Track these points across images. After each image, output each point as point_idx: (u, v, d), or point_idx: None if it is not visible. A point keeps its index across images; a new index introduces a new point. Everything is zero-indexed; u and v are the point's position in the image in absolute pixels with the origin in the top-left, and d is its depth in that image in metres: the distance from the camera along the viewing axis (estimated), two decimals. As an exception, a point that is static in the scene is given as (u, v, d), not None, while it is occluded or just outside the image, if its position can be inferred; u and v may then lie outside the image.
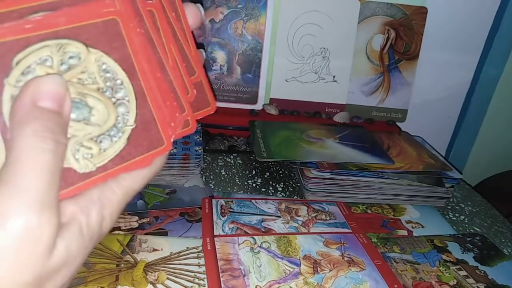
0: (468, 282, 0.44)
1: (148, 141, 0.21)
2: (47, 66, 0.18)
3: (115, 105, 0.20)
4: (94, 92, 0.19)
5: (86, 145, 0.19)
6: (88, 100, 0.19)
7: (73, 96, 0.19)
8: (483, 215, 0.59)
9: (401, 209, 0.56)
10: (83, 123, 0.19)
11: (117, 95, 0.20)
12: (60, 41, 0.18)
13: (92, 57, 0.19)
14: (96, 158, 0.19)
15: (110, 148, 0.20)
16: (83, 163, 0.19)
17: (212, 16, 0.71)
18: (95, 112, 0.19)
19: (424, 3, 0.73)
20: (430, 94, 0.81)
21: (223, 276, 0.39)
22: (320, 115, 0.75)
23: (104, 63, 0.19)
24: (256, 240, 0.45)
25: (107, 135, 0.20)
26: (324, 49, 0.74)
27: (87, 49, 0.19)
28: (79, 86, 0.19)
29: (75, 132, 0.19)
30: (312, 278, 0.41)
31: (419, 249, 0.48)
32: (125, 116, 0.20)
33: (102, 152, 0.20)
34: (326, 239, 0.47)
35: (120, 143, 0.20)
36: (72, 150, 0.19)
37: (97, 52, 0.19)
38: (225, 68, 0.73)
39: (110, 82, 0.20)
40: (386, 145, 0.66)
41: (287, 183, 0.60)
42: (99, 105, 0.19)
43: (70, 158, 0.19)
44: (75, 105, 0.19)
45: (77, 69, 0.19)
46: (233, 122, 0.72)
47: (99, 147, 0.20)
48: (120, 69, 0.20)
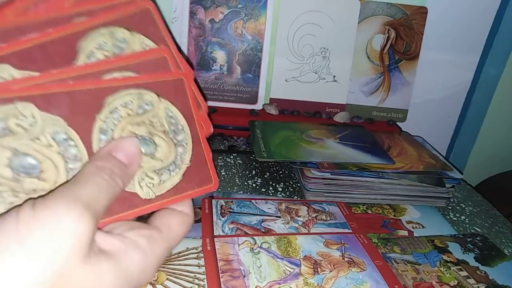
0: (469, 282, 0.44)
1: (199, 178, 0.25)
2: (128, 108, 0.23)
3: (176, 146, 0.25)
4: (160, 133, 0.24)
5: (150, 175, 0.23)
6: (155, 139, 0.24)
7: (145, 134, 0.23)
8: (484, 215, 0.59)
9: (401, 209, 0.56)
10: (149, 157, 0.23)
11: (178, 138, 0.25)
12: (140, 91, 0.23)
13: (162, 105, 0.24)
14: (156, 188, 0.24)
15: (168, 180, 0.24)
16: (145, 190, 0.23)
17: (212, 16, 0.71)
18: (159, 149, 0.24)
19: (425, 3, 0.73)
20: (431, 94, 0.81)
21: (223, 276, 0.39)
22: (320, 115, 0.75)
23: (171, 111, 0.24)
24: (256, 240, 0.45)
25: (166, 169, 0.24)
26: (324, 49, 0.74)
27: (159, 98, 0.24)
28: (150, 127, 0.24)
29: (142, 163, 0.23)
30: (312, 278, 0.41)
31: (419, 250, 0.48)
32: (182, 155, 0.25)
33: (161, 183, 0.24)
34: (327, 240, 0.47)
35: (176, 178, 0.24)
36: (138, 179, 0.23)
37: (166, 102, 0.24)
38: (225, 68, 0.73)
39: (174, 127, 0.25)
40: (387, 145, 0.66)
41: (287, 183, 0.60)
42: (163, 144, 0.24)
43: (136, 185, 0.23)
44: (144, 141, 0.23)
45: (150, 113, 0.24)
46: (233, 122, 0.72)
47: (160, 179, 0.24)
48: (181, 117, 0.25)
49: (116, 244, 0.20)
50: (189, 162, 0.25)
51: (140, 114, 0.23)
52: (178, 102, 0.25)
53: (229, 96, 0.75)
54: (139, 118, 0.23)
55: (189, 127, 0.25)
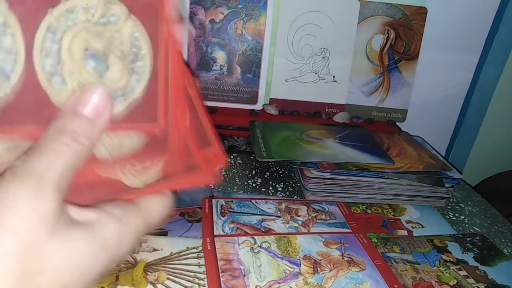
0: (468, 282, 0.44)
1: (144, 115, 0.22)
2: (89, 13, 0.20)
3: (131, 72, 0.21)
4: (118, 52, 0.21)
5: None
6: (110, 57, 0.21)
7: (99, 48, 0.20)
8: (483, 215, 0.59)
9: (401, 209, 0.56)
10: (97, 75, 0.20)
11: (136, 64, 0.22)
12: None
13: (129, 23, 0.21)
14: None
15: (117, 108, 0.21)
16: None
17: (212, 16, 0.71)
18: (110, 70, 0.21)
19: (424, 3, 0.73)
20: (430, 94, 0.81)
21: (223, 276, 0.39)
22: (320, 115, 0.75)
23: (137, 32, 0.21)
24: (256, 240, 0.45)
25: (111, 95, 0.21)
26: (324, 49, 0.74)
27: (128, 14, 0.21)
28: (108, 42, 0.20)
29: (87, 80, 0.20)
30: (312, 278, 0.41)
31: (419, 249, 0.48)
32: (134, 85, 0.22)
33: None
34: (326, 239, 0.47)
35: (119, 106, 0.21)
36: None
37: (135, 20, 0.21)
38: (225, 68, 0.73)
39: (136, 49, 0.21)
40: (386, 145, 0.66)
41: (287, 183, 0.60)
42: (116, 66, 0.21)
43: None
44: (97, 56, 0.20)
45: (112, 27, 0.20)
46: (233, 122, 0.72)
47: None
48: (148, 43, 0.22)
49: (90, 214, 0.20)
50: (139, 93, 0.22)
51: (102, 24, 0.20)
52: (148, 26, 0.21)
53: (229, 96, 0.75)
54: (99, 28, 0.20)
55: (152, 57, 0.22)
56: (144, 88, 0.22)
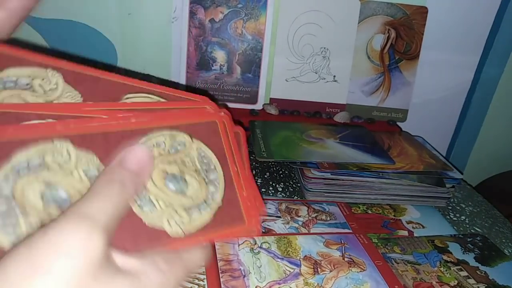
0: (469, 282, 0.44)
1: (231, 219, 0.25)
2: (160, 148, 0.24)
3: (207, 185, 0.25)
4: (192, 171, 0.25)
5: (179, 213, 0.23)
6: (186, 176, 0.24)
7: (175, 172, 0.24)
8: (484, 215, 0.59)
9: (401, 210, 0.56)
10: (180, 194, 0.24)
11: (209, 177, 0.25)
12: (172, 132, 0.25)
13: (194, 146, 0.25)
14: (185, 226, 0.23)
15: (198, 219, 0.24)
16: (175, 229, 0.23)
17: (212, 16, 0.71)
18: (190, 187, 0.24)
19: (425, 2, 0.73)
20: (431, 94, 0.81)
21: (223, 276, 0.39)
22: (320, 115, 0.75)
23: (203, 151, 0.25)
24: (256, 240, 0.45)
25: (197, 208, 0.24)
26: (324, 49, 0.74)
27: (191, 139, 0.25)
28: (181, 166, 0.24)
29: (172, 201, 0.23)
30: (312, 278, 0.41)
31: (419, 250, 0.48)
32: (214, 194, 0.25)
33: (191, 222, 0.24)
34: (327, 240, 0.47)
35: (207, 217, 0.24)
36: (167, 216, 0.23)
37: (198, 142, 0.25)
38: (225, 68, 0.73)
39: (206, 166, 0.25)
40: (387, 145, 0.66)
41: (287, 183, 0.60)
42: (194, 182, 0.24)
43: (165, 223, 0.23)
44: (175, 179, 0.24)
45: (181, 153, 0.25)
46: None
47: (189, 217, 0.24)
48: (214, 157, 0.26)
49: (135, 263, 0.20)
50: (220, 202, 0.25)
51: (172, 153, 0.24)
52: (210, 143, 0.26)
53: (229, 96, 0.75)
54: (171, 157, 0.24)
55: (222, 167, 0.26)
56: (223, 194, 0.25)
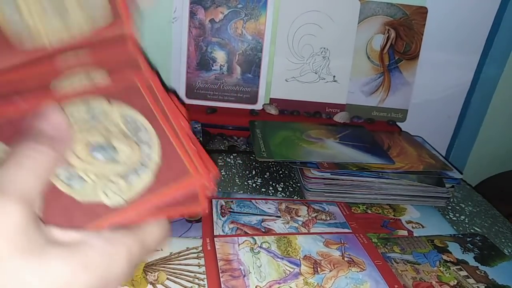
0: (469, 282, 0.44)
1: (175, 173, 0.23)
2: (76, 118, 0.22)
3: (139, 145, 0.23)
4: (119, 136, 0.22)
5: (114, 181, 0.21)
6: (113, 142, 0.22)
7: (100, 140, 0.22)
8: (483, 215, 0.59)
9: (401, 209, 0.56)
10: (111, 163, 0.22)
11: (140, 137, 0.23)
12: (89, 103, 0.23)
13: (115, 109, 0.23)
14: (124, 194, 0.21)
15: (138, 183, 0.22)
16: (112, 197, 0.21)
17: (212, 16, 0.71)
18: (121, 153, 0.22)
19: (424, 3, 0.73)
20: (431, 94, 0.81)
21: (223, 276, 0.39)
22: (320, 115, 0.75)
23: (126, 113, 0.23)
24: (256, 240, 0.45)
25: (134, 171, 0.22)
26: (324, 49, 0.74)
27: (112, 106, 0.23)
28: (105, 133, 0.22)
29: (103, 170, 0.21)
30: (312, 278, 0.41)
31: (419, 249, 0.48)
32: (150, 154, 0.23)
33: (130, 187, 0.21)
34: (326, 239, 0.47)
35: (147, 178, 0.22)
36: (102, 187, 0.21)
37: (119, 105, 0.23)
38: (225, 68, 0.73)
39: (132, 126, 0.23)
40: (387, 145, 0.66)
41: (287, 183, 0.60)
42: (124, 145, 0.22)
43: (100, 195, 0.21)
44: (101, 147, 0.22)
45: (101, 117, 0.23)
46: (233, 122, 0.72)
47: (128, 183, 0.21)
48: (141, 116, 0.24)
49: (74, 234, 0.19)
50: (159, 160, 0.23)
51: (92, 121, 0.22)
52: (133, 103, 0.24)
53: (229, 96, 0.75)
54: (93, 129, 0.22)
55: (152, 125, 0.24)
56: (159, 152, 0.23)
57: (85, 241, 0.19)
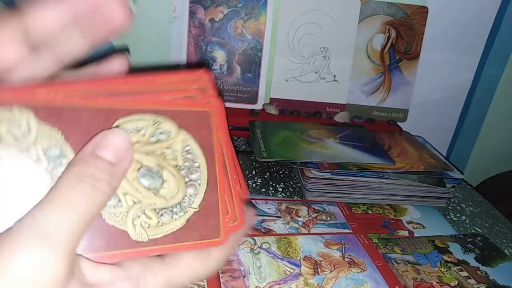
0: (469, 282, 0.43)
1: (206, 229, 0.21)
2: (139, 135, 0.20)
3: (186, 185, 0.21)
4: (171, 167, 0.21)
5: (147, 214, 0.20)
6: (164, 173, 0.20)
7: (152, 166, 0.20)
8: (484, 215, 0.59)
9: (402, 210, 0.56)
10: (152, 192, 0.20)
11: (191, 176, 0.21)
12: (157, 118, 0.20)
13: (180, 137, 0.21)
14: (151, 230, 0.20)
15: (168, 224, 0.20)
16: (138, 231, 0.20)
17: (212, 16, 0.71)
18: (166, 186, 0.20)
19: (425, 2, 0.73)
20: (431, 93, 0.81)
21: (223, 277, 0.39)
22: (321, 115, 0.75)
23: (189, 145, 0.21)
24: (256, 240, 0.45)
25: (169, 210, 0.20)
26: (324, 49, 0.74)
27: (178, 129, 0.21)
28: (160, 159, 0.20)
29: (142, 199, 0.20)
30: (312, 279, 0.41)
31: (420, 250, 0.48)
32: (192, 197, 0.21)
33: (159, 225, 0.20)
34: (327, 240, 0.47)
35: (178, 222, 0.21)
36: (133, 215, 0.20)
37: (185, 134, 0.21)
38: (225, 68, 0.73)
39: (189, 163, 0.21)
40: (387, 145, 0.66)
41: (287, 184, 0.60)
42: (172, 180, 0.20)
43: (128, 222, 0.19)
44: (150, 173, 0.20)
45: (164, 143, 0.20)
46: (233, 122, 0.72)
47: (158, 220, 0.20)
48: (201, 154, 0.21)
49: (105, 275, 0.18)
50: (197, 207, 0.21)
51: (152, 142, 0.20)
52: (199, 136, 0.21)
53: (229, 96, 0.75)
54: (150, 147, 0.20)
55: (207, 168, 0.22)
56: (202, 200, 0.21)
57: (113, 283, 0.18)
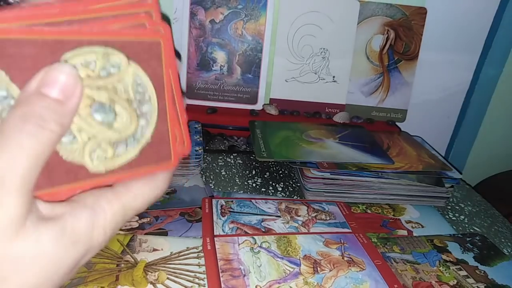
0: (468, 282, 0.44)
1: (158, 155, 0.22)
2: (89, 69, 0.19)
3: (138, 117, 0.21)
4: (123, 101, 0.21)
5: (104, 147, 0.20)
6: (116, 107, 0.20)
7: (104, 101, 0.20)
8: (483, 215, 0.59)
9: (401, 209, 0.56)
10: (106, 126, 0.20)
11: (142, 108, 0.21)
12: (106, 50, 0.20)
13: (130, 70, 0.21)
14: (108, 162, 0.21)
15: (123, 155, 0.21)
16: (96, 163, 0.20)
17: (212, 17, 0.71)
18: (119, 119, 0.21)
19: (424, 3, 0.74)
20: (430, 94, 0.81)
21: (223, 276, 0.39)
22: (320, 115, 0.75)
23: (140, 77, 0.21)
24: (256, 240, 0.45)
25: (123, 142, 0.21)
26: (323, 50, 0.74)
27: (128, 62, 0.21)
28: (112, 93, 0.20)
29: (97, 133, 0.20)
30: (312, 278, 0.41)
31: (419, 249, 0.48)
32: (144, 128, 0.22)
33: (115, 157, 0.21)
34: (326, 239, 0.47)
35: (132, 153, 0.21)
36: (89, 150, 0.20)
37: (135, 66, 0.21)
38: (225, 69, 0.73)
39: (140, 96, 0.21)
40: (386, 145, 0.66)
41: (287, 183, 0.60)
42: (125, 114, 0.21)
43: (85, 157, 0.20)
44: (103, 108, 0.20)
45: (114, 77, 0.20)
46: (233, 122, 0.72)
47: (114, 152, 0.21)
48: (151, 86, 0.22)
49: (60, 208, 0.18)
50: (150, 138, 0.22)
51: (103, 77, 0.20)
52: (149, 68, 0.21)
53: (229, 96, 0.75)
54: (101, 82, 0.20)
55: (157, 99, 0.22)
56: (153, 130, 0.22)
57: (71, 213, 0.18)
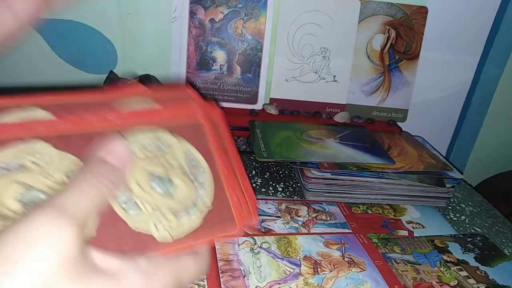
0: (469, 282, 0.44)
1: (221, 222, 0.24)
2: (146, 150, 0.23)
3: (196, 188, 0.24)
4: (179, 173, 0.24)
5: (167, 217, 0.22)
6: (173, 178, 0.23)
7: (162, 175, 0.23)
8: (484, 215, 0.59)
9: (401, 209, 0.56)
10: (167, 197, 0.23)
11: (199, 179, 0.24)
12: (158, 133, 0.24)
13: (181, 147, 0.24)
14: (174, 231, 0.22)
15: (187, 224, 0.23)
16: (162, 233, 0.22)
17: (212, 16, 0.71)
18: (178, 190, 0.23)
19: (425, 2, 0.73)
20: (431, 94, 0.81)
21: (223, 276, 0.39)
22: (320, 115, 0.75)
23: (190, 153, 0.25)
24: (256, 240, 0.45)
25: (185, 212, 0.23)
26: (324, 49, 0.74)
27: (178, 141, 0.24)
28: (168, 167, 0.23)
29: (159, 204, 0.22)
30: (312, 278, 0.41)
31: (419, 250, 0.48)
32: (203, 197, 0.24)
33: (180, 226, 0.23)
34: (327, 240, 0.47)
35: (197, 221, 0.23)
36: (154, 221, 0.22)
37: (185, 144, 0.25)
38: (225, 68, 0.73)
39: (194, 169, 0.24)
40: (387, 145, 0.66)
41: (287, 183, 0.60)
42: (182, 185, 0.23)
43: (151, 227, 0.22)
44: (162, 181, 0.23)
45: (168, 154, 0.24)
46: (233, 122, 0.72)
47: (178, 221, 0.22)
48: (202, 159, 0.25)
49: (115, 263, 0.19)
50: (211, 205, 0.24)
51: (158, 155, 0.23)
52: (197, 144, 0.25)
53: (229, 96, 0.75)
54: (157, 159, 0.23)
55: (210, 168, 0.25)
56: (213, 198, 0.24)
57: (123, 272, 0.19)
